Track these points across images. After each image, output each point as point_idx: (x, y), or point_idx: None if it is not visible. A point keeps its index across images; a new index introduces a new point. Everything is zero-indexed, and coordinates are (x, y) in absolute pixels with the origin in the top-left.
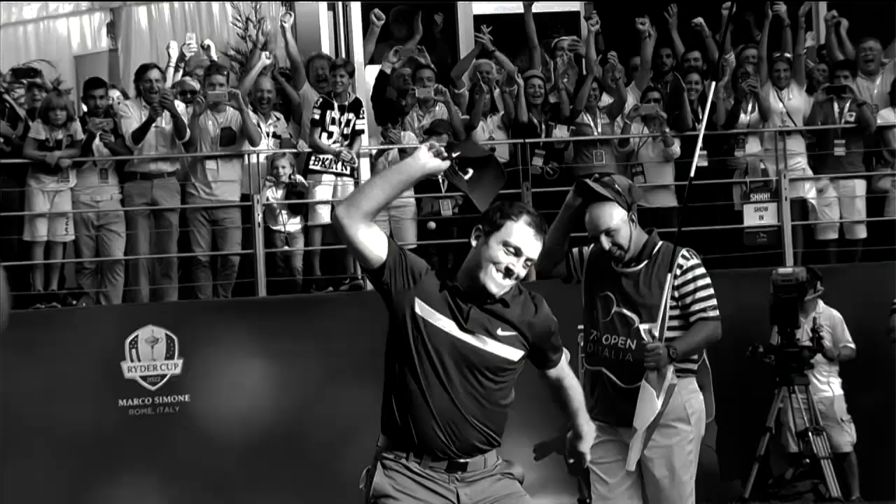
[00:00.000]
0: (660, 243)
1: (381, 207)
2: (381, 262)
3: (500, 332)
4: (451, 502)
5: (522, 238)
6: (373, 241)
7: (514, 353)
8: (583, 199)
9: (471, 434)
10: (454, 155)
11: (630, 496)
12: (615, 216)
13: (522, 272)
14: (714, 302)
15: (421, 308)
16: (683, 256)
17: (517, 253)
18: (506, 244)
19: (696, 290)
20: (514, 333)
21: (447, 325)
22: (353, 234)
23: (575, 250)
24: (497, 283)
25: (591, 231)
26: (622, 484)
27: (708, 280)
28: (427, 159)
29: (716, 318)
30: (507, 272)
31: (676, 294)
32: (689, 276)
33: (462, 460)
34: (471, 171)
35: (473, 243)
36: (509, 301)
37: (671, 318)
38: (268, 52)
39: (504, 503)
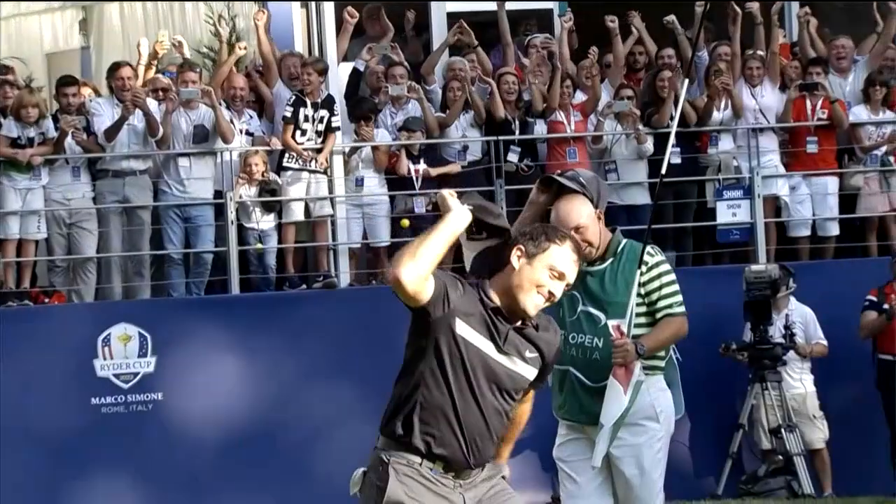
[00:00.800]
0: (623, 241)
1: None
2: (427, 300)
3: (528, 353)
4: (439, 485)
5: (567, 263)
6: (428, 289)
7: (533, 373)
8: (549, 194)
9: (489, 449)
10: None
11: (600, 495)
12: (584, 212)
13: (559, 296)
14: (680, 298)
15: (462, 328)
16: (649, 254)
17: (560, 277)
18: (551, 269)
19: (662, 286)
20: (536, 355)
21: (486, 346)
22: (417, 293)
23: None
24: (536, 306)
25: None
26: (591, 482)
27: (673, 276)
28: (465, 212)
29: (682, 314)
30: (550, 296)
31: (643, 291)
32: (655, 272)
33: (471, 469)
34: (483, 235)
35: (516, 264)
36: (539, 323)
37: (637, 315)
38: (242, 44)
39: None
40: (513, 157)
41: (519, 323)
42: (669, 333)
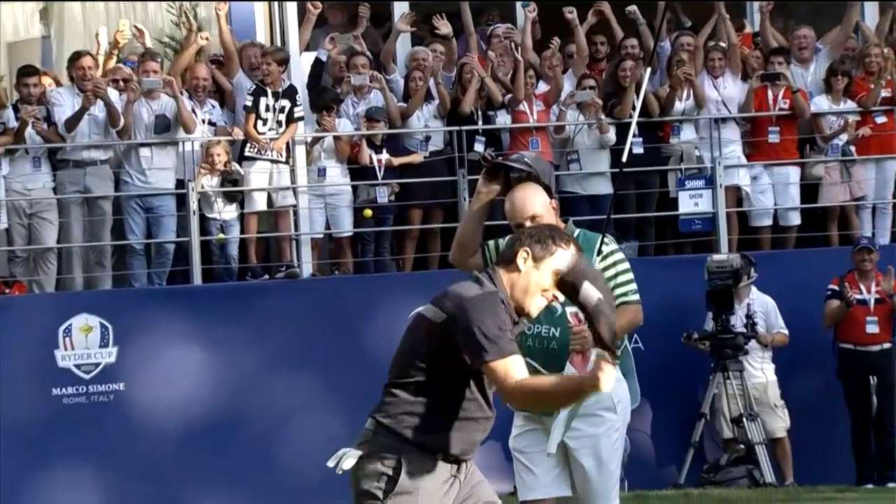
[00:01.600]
0: (577, 231)
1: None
2: None
3: None
4: (454, 491)
5: (570, 267)
6: None
7: None
8: (498, 184)
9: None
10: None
11: (557, 486)
12: (539, 202)
13: (562, 298)
14: (635, 287)
15: None
16: (605, 243)
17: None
18: (556, 273)
19: (617, 274)
20: None
21: None
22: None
23: (490, 242)
24: (539, 308)
25: (513, 218)
26: (548, 473)
27: (628, 265)
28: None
29: (637, 303)
30: (553, 298)
31: None
32: (611, 260)
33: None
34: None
35: (522, 266)
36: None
37: None
38: (203, 34)
39: (477, 490)
40: (479, 148)
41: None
42: (625, 321)
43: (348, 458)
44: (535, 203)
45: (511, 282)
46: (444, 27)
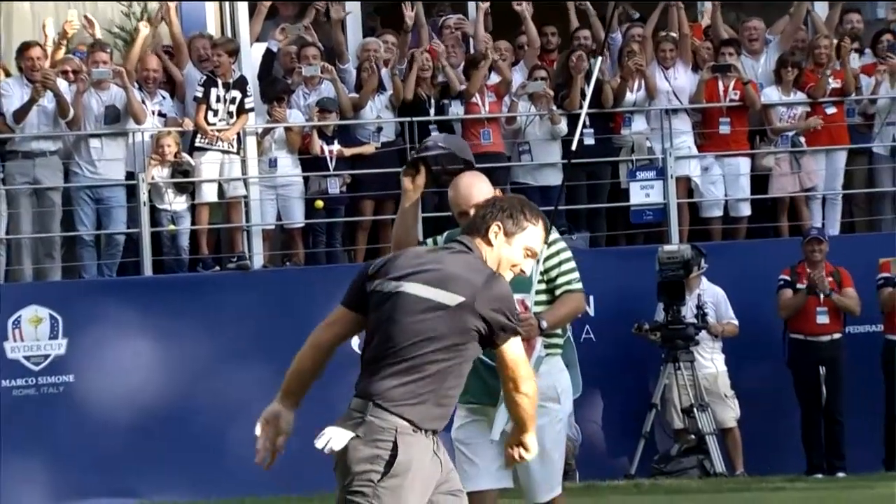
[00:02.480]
0: None
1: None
2: None
3: None
4: (439, 460)
5: (540, 242)
6: None
7: None
8: (421, 178)
9: None
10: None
11: (499, 477)
12: (484, 190)
13: (528, 272)
14: (578, 275)
15: None
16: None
17: (533, 255)
18: (527, 248)
19: (560, 262)
20: None
21: None
22: None
23: (430, 240)
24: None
25: (458, 206)
26: (491, 465)
27: (571, 254)
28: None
29: (580, 291)
30: (521, 273)
31: (542, 268)
32: (554, 249)
33: None
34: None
35: (493, 241)
36: None
37: (537, 292)
38: (146, 23)
39: (451, 476)
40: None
41: None
42: (569, 308)
43: (338, 440)
44: (480, 191)
45: (484, 255)
46: (409, 18)
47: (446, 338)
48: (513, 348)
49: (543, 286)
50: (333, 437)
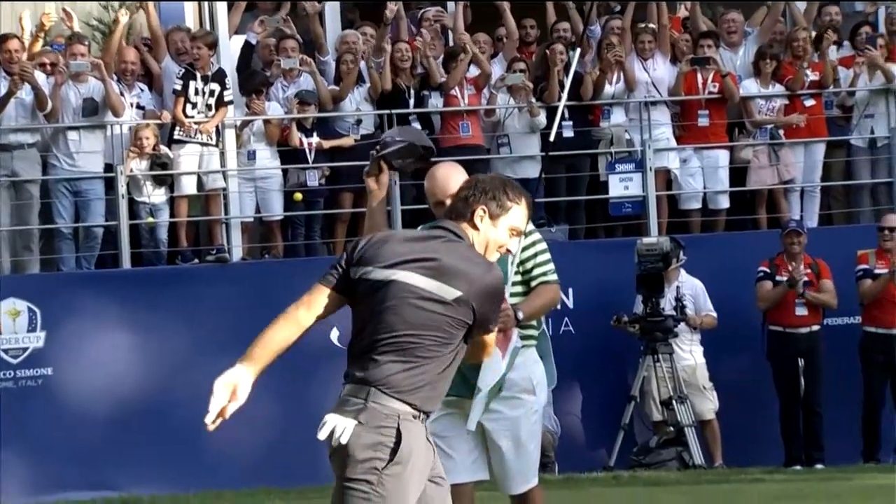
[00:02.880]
0: None
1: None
2: None
3: None
4: (431, 446)
5: (524, 220)
6: None
7: None
8: (386, 176)
9: None
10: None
11: (475, 470)
12: (461, 181)
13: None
14: (553, 267)
15: None
16: None
17: (518, 234)
18: (512, 228)
19: (536, 254)
20: None
21: None
22: None
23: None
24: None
25: (434, 196)
26: (467, 458)
27: (546, 246)
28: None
29: (556, 282)
30: (506, 252)
31: (518, 260)
32: (529, 241)
33: None
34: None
35: (479, 225)
36: None
37: (513, 283)
38: (125, 10)
39: (436, 463)
40: (416, 126)
41: None
42: (545, 300)
43: (345, 430)
44: (457, 182)
45: (471, 239)
46: (391, 11)
47: (442, 328)
48: (490, 336)
49: (519, 278)
50: (338, 428)
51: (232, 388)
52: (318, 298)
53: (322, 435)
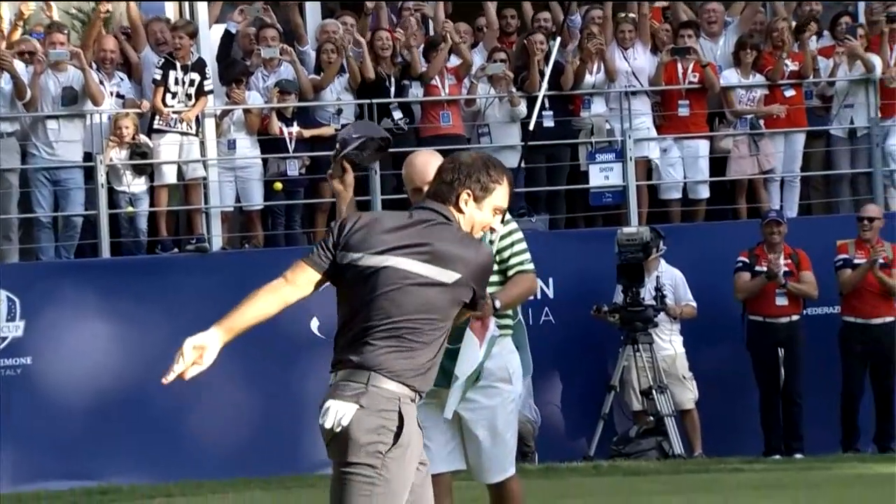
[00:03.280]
0: None
1: None
2: None
3: None
4: (420, 429)
5: (507, 198)
6: None
7: None
8: (350, 176)
9: None
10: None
11: (451, 460)
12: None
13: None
14: (529, 256)
15: None
16: None
17: (501, 212)
18: (496, 208)
19: (513, 243)
20: None
21: None
22: None
23: None
24: None
25: (412, 182)
26: (443, 448)
27: (522, 236)
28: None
29: (532, 272)
30: (490, 230)
31: (495, 249)
32: (506, 230)
33: None
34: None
35: (465, 209)
36: None
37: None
38: (105, 5)
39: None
40: (397, 115)
41: None
42: (522, 289)
43: (345, 415)
44: (435, 169)
45: (457, 221)
46: (370, 2)
47: (441, 310)
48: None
49: (496, 267)
50: (339, 412)
51: (200, 353)
52: (303, 277)
53: (328, 422)
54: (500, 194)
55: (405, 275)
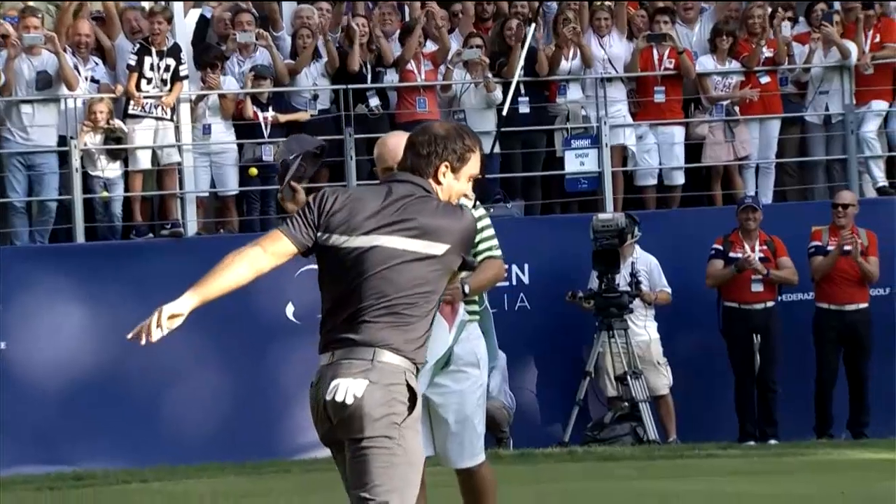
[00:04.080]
0: None
1: None
2: None
3: None
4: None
5: (479, 165)
6: None
7: None
8: (301, 191)
9: None
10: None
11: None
12: None
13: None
14: (497, 242)
15: None
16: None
17: (473, 178)
18: (471, 176)
19: (482, 229)
20: None
21: None
22: None
23: None
24: None
25: (384, 162)
26: None
27: (490, 221)
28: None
29: (500, 258)
30: (465, 196)
31: None
32: (475, 216)
33: None
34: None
35: (443, 181)
36: None
37: None
38: None
39: None
40: (373, 102)
41: None
42: (491, 274)
43: (355, 387)
44: None
45: (436, 192)
46: None
47: (433, 282)
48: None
49: None
50: (351, 388)
51: (170, 318)
52: (280, 247)
53: (339, 397)
54: (475, 162)
55: (396, 253)
